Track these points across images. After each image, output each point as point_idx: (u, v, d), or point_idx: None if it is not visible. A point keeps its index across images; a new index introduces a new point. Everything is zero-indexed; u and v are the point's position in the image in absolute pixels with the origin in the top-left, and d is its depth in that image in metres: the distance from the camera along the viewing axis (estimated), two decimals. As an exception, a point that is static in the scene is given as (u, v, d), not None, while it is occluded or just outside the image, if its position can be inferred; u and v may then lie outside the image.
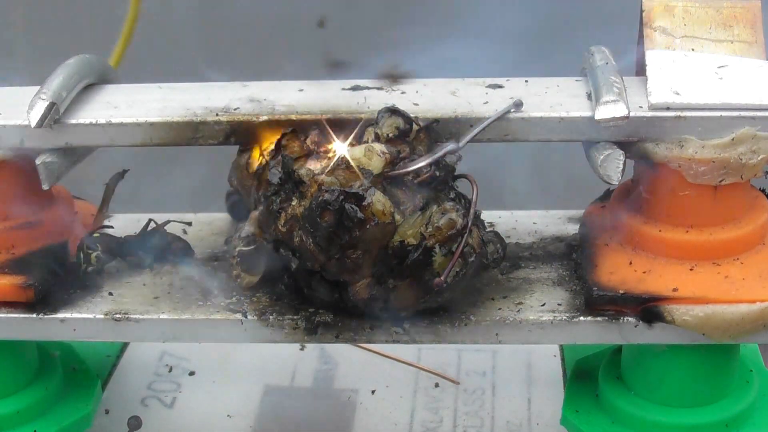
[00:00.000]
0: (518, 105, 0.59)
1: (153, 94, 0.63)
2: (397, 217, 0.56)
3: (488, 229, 0.60)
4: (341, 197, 0.55)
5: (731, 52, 0.61)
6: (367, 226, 0.55)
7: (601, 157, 0.58)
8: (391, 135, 0.58)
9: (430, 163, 0.57)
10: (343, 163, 0.56)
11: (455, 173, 0.58)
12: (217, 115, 0.61)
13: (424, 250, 0.56)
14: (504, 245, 0.60)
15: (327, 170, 0.56)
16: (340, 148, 0.57)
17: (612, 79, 0.59)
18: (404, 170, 0.57)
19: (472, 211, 0.57)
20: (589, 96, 0.60)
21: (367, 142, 0.58)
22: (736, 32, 0.61)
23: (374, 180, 0.56)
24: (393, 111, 0.58)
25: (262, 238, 0.60)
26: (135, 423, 0.71)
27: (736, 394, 0.62)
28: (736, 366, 0.62)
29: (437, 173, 0.57)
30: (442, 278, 0.56)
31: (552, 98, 0.60)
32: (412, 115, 0.58)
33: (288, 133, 0.59)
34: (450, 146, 0.57)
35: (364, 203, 0.55)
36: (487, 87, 0.62)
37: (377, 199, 0.55)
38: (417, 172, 0.57)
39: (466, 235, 0.56)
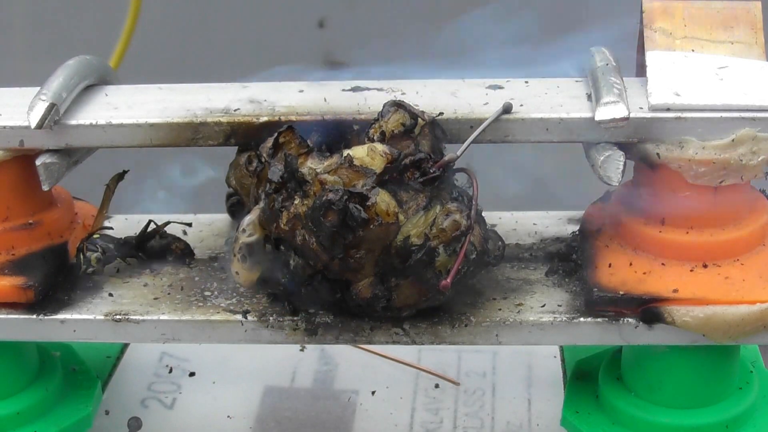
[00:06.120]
0: (507, 109, 0.59)
1: (153, 95, 0.63)
2: (401, 216, 0.56)
3: (488, 227, 0.60)
4: (345, 197, 0.55)
5: (731, 53, 0.61)
6: (371, 226, 0.55)
7: (602, 158, 0.58)
8: (396, 131, 0.58)
9: (433, 177, 0.57)
10: (346, 162, 0.56)
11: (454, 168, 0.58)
12: (217, 116, 0.61)
13: (427, 250, 0.56)
14: (503, 242, 0.60)
15: (330, 169, 0.56)
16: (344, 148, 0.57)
17: (612, 80, 0.59)
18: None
19: (474, 208, 0.57)
20: (589, 97, 0.60)
21: (372, 140, 0.58)
22: (737, 33, 0.61)
23: (379, 178, 0.56)
24: (399, 105, 0.58)
25: (264, 233, 0.60)
26: (135, 424, 0.71)
27: (736, 395, 0.62)
28: (736, 367, 0.62)
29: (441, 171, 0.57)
30: (449, 280, 0.56)
31: (552, 99, 0.60)
32: (418, 110, 0.58)
33: (284, 130, 0.59)
34: (448, 158, 0.57)
35: (368, 203, 0.55)
36: (487, 88, 0.62)
37: (381, 199, 0.55)
38: (421, 174, 0.57)
39: (469, 235, 0.56)
